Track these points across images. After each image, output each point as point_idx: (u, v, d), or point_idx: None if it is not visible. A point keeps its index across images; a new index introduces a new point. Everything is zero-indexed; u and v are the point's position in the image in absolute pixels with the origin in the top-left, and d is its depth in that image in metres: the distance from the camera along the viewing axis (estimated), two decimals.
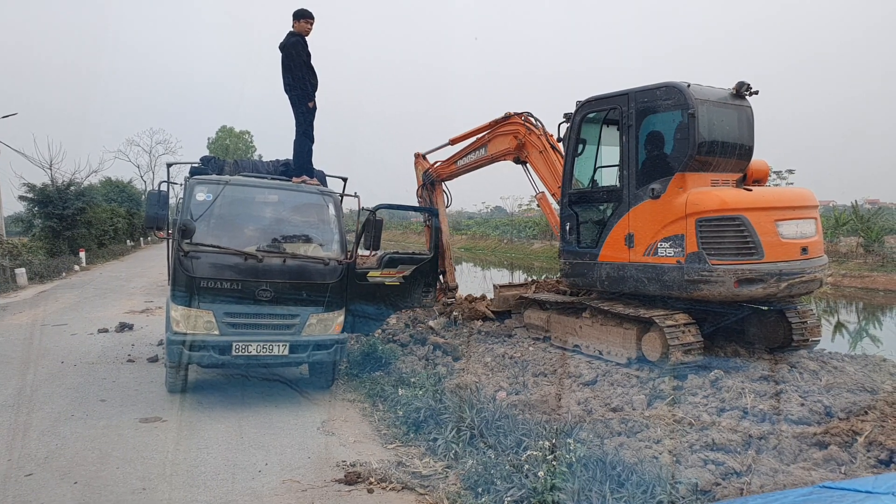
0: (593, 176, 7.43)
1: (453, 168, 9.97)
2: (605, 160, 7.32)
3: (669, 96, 6.23)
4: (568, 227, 7.32)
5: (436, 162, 10.25)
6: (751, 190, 6.26)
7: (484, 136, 9.31)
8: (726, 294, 5.80)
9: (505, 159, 9.21)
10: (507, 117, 8.94)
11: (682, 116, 6.10)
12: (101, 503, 4.04)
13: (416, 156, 10.65)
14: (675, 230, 6.06)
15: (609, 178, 7.32)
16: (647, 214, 6.33)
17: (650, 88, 6.41)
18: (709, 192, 6.13)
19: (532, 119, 8.82)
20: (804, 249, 6.13)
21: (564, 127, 7.61)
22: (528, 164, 8.91)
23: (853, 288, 19.69)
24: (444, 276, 9.98)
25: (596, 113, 7.13)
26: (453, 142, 9.88)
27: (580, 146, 7.38)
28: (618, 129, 6.85)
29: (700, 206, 5.95)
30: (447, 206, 10.52)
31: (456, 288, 9.99)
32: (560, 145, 8.13)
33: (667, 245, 6.13)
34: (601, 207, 7.17)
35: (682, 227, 6.00)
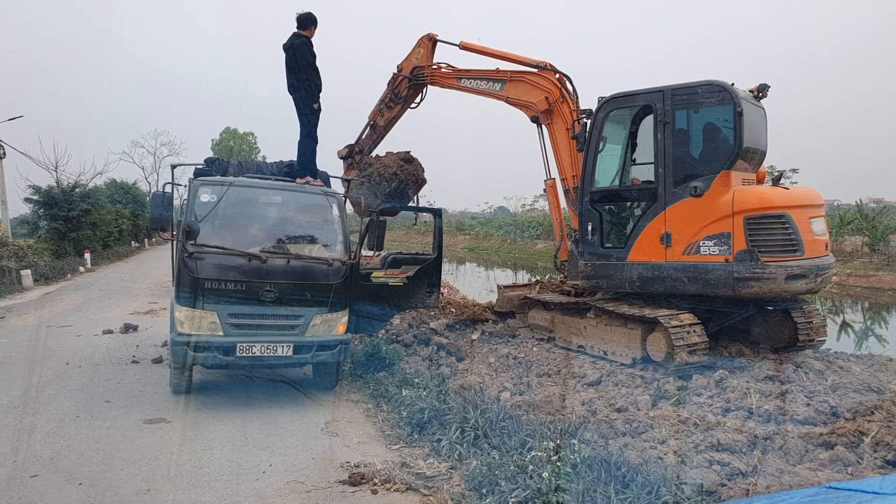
0: (621, 174, 7.20)
1: (453, 83, 8.83)
2: (633, 157, 7.13)
3: (713, 94, 6.20)
4: (590, 228, 7.02)
5: (436, 65, 9.01)
6: (788, 189, 6.36)
7: (506, 71, 8.37)
8: (776, 290, 5.90)
9: (521, 110, 8.33)
10: (543, 68, 8.06)
11: (728, 115, 6.10)
12: None
13: (431, 39, 9.04)
14: (719, 228, 6.05)
15: (638, 175, 7.15)
16: (688, 213, 6.25)
17: (690, 86, 6.35)
18: (754, 190, 6.20)
19: (570, 86, 7.98)
20: (826, 246, 6.34)
21: (579, 124, 7.31)
22: (542, 129, 8.16)
23: (859, 287, 19.60)
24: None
25: (622, 109, 6.96)
26: (464, 47, 8.71)
27: (601, 143, 7.13)
28: (644, 127, 6.77)
29: (748, 203, 5.98)
30: (415, 107, 9.43)
31: None
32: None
33: (710, 243, 6.09)
34: (630, 206, 6.99)
35: (728, 225, 6.00)
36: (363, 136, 9.64)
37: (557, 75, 8.03)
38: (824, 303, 16.70)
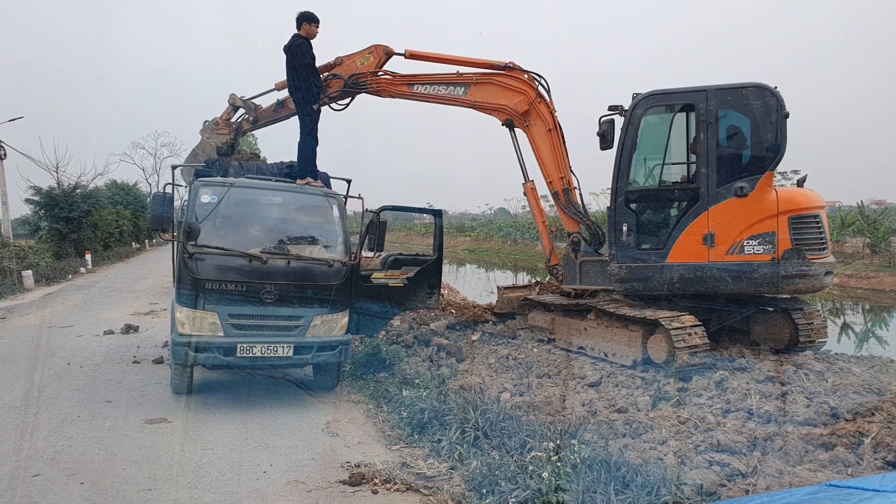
0: (661, 174, 7.10)
1: (402, 90, 8.04)
2: (670, 157, 7.07)
3: (760, 97, 6.25)
4: (625, 229, 6.79)
5: (381, 71, 8.13)
6: (812, 190, 6.51)
7: (469, 74, 7.92)
8: (817, 286, 6.23)
9: (491, 115, 7.95)
10: (511, 68, 7.72)
11: (773, 116, 6.20)
12: (108, 503, 4.05)
13: (388, 53, 8.02)
14: (764, 228, 6.17)
15: (669, 175, 7.11)
16: (732, 213, 6.29)
17: (735, 87, 6.37)
18: (795, 191, 6.44)
19: (544, 84, 7.72)
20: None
21: (603, 120, 7.05)
22: (516, 132, 7.98)
23: (859, 288, 19.60)
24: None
25: (660, 107, 6.88)
26: (410, 56, 7.94)
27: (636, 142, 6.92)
28: (678, 126, 6.82)
29: (792, 203, 6.17)
30: (338, 110, 8.34)
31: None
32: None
33: (755, 243, 6.20)
34: (669, 206, 6.94)
35: (773, 224, 6.13)
36: (264, 107, 8.32)
37: (527, 75, 7.85)
38: (825, 304, 16.69)
